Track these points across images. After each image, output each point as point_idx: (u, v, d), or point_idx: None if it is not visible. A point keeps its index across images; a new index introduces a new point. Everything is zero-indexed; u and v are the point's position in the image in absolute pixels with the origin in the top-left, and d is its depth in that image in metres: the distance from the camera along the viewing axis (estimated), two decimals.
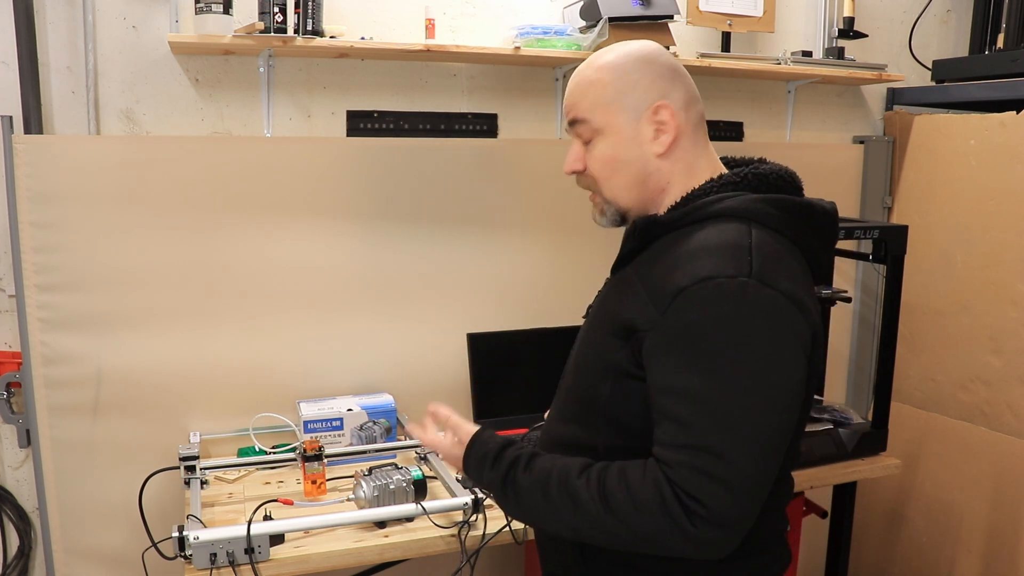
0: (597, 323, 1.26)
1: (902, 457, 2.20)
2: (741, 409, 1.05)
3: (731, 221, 1.15)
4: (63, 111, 1.96)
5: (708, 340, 1.06)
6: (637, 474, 1.09)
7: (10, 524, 2.07)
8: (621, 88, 1.21)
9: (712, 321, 1.06)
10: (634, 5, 2.13)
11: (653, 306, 1.11)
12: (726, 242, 1.11)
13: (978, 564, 2.44)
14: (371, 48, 2.04)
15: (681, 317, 1.08)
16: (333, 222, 2.15)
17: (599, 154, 1.23)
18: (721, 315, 1.06)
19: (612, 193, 1.24)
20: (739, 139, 2.61)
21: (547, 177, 2.30)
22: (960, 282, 2.49)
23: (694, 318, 1.07)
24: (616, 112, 1.21)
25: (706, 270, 1.08)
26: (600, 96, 1.21)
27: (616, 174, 1.23)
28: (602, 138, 1.22)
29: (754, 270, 1.08)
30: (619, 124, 1.21)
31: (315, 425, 2.01)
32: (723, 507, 1.03)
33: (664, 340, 1.09)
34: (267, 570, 1.52)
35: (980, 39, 2.63)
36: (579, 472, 1.14)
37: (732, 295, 1.06)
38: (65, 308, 1.94)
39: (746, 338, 1.06)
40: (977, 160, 2.43)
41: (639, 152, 1.21)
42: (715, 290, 1.07)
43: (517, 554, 2.26)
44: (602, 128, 1.22)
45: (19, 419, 2.01)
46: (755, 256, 1.10)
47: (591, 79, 1.22)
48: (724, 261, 1.09)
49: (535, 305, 2.33)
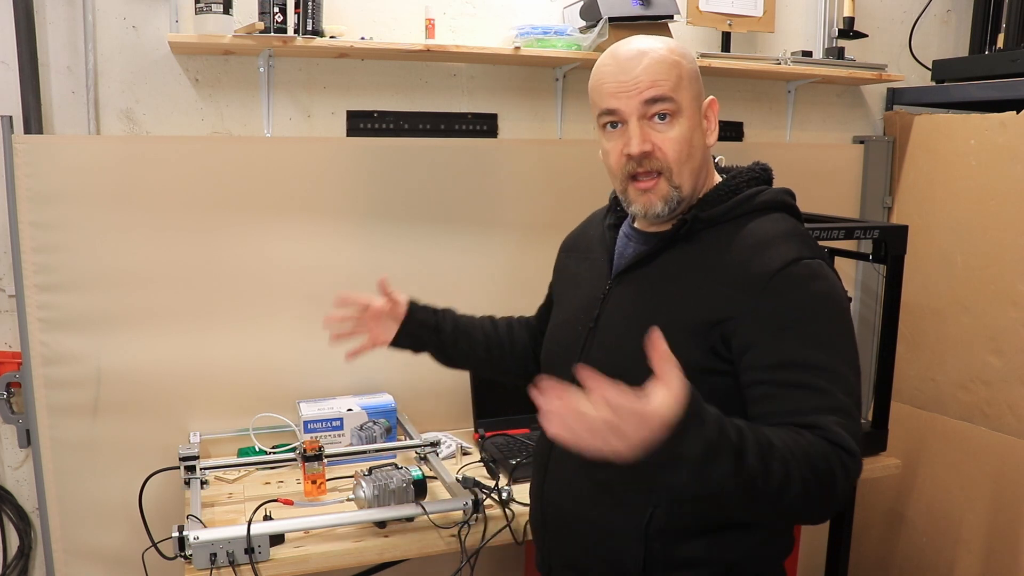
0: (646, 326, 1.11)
1: (902, 457, 2.20)
2: (851, 370, 1.15)
3: (772, 212, 1.25)
4: (63, 111, 1.96)
5: (816, 315, 1.15)
6: (804, 440, 1.06)
7: (10, 524, 2.07)
8: (693, 76, 1.25)
9: (815, 297, 1.16)
10: (634, 5, 2.13)
11: (741, 293, 1.16)
12: (789, 229, 1.23)
13: (978, 564, 2.44)
14: (371, 48, 2.04)
15: (784, 296, 1.15)
16: (333, 222, 2.15)
17: (677, 135, 1.23)
18: (819, 291, 1.17)
19: (681, 178, 1.25)
20: (739, 139, 2.61)
21: (547, 177, 2.30)
22: (960, 282, 2.49)
23: (798, 296, 1.16)
24: (692, 98, 1.24)
25: (792, 253, 1.18)
26: (682, 78, 1.23)
27: (691, 158, 1.25)
28: (680, 120, 1.23)
29: (819, 253, 1.21)
30: (693, 109, 1.25)
31: (315, 425, 2.01)
32: (856, 448, 1.10)
33: (772, 320, 1.15)
34: (267, 570, 1.52)
35: (980, 39, 2.63)
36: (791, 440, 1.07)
37: (819, 274, 1.18)
38: (65, 308, 1.94)
39: (840, 312, 1.18)
40: (977, 160, 2.43)
41: (703, 141, 1.27)
42: (805, 269, 1.17)
43: (517, 554, 2.26)
44: (682, 109, 1.23)
45: (19, 419, 2.01)
46: (812, 241, 1.23)
47: (672, 60, 1.23)
48: (800, 245, 1.20)
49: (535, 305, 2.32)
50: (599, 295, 1.34)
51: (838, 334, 1.16)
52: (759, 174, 1.30)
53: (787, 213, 1.27)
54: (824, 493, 1.06)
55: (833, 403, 1.11)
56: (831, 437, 1.08)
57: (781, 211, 1.26)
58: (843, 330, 1.17)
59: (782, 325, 1.14)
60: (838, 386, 1.12)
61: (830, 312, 1.17)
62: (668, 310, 1.22)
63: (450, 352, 1.59)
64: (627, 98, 1.22)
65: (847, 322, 1.19)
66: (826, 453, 1.07)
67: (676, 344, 1.16)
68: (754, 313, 1.15)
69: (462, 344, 1.58)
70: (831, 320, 1.16)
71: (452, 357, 1.61)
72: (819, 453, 1.05)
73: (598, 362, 1.27)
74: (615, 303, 1.31)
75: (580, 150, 2.28)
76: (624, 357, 1.25)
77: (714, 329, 1.17)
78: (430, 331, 1.56)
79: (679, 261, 1.25)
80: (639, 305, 1.27)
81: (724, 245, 1.22)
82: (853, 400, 1.14)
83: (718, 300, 1.18)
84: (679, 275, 1.24)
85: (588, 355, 1.32)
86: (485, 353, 1.61)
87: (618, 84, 1.23)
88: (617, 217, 1.40)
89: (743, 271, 1.17)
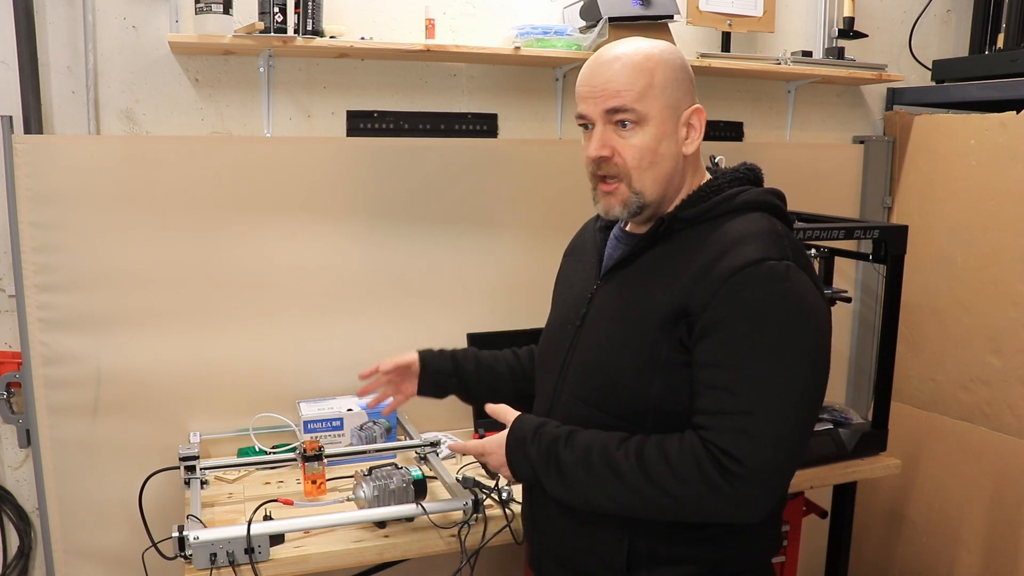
0: (624, 322, 1.27)
1: (902, 457, 2.20)
2: (785, 379, 1.14)
3: (753, 212, 1.24)
4: (63, 111, 1.96)
5: (762, 316, 1.14)
6: (674, 443, 1.16)
7: (10, 524, 2.07)
8: (668, 83, 1.24)
9: (767, 298, 1.15)
10: (634, 5, 2.13)
11: (703, 290, 1.17)
12: (763, 229, 1.21)
13: (978, 564, 2.44)
14: (371, 48, 2.04)
15: (737, 296, 1.15)
16: (333, 222, 2.15)
17: (639, 143, 1.23)
18: (775, 293, 1.15)
19: (643, 184, 1.26)
20: (739, 139, 2.61)
21: (547, 177, 2.30)
22: (960, 282, 2.49)
23: (750, 296, 1.15)
24: (663, 106, 1.24)
25: (757, 253, 1.16)
26: (652, 87, 1.23)
27: (653, 166, 1.25)
28: (644, 129, 1.23)
29: (791, 255, 1.19)
30: (663, 118, 1.24)
31: (315, 425, 2.01)
32: (759, 463, 1.11)
33: (717, 317, 1.16)
34: (267, 570, 1.52)
35: (980, 39, 2.63)
36: (618, 445, 1.20)
37: (782, 276, 1.16)
38: (65, 308, 1.94)
39: (795, 315, 1.16)
40: (977, 160, 2.43)
41: (675, 149, 1.26)
42: (768, 271, 1.16)
43: (517, 554, 2.26)
44: (647, 118, 1.23)
45: (19, 419, 2.01)
46: (788, 242, 1.21)
47: (643, 68, 1.23)
48: (769, 246, 1.18)
49: (535, 305, 2.31)
50: (587, 295, 1.37)
51: (790, 339, 1.15)
52: (744, 174, 1.31)
53: (770, 213, 1.26)
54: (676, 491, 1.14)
55: (735, 404, 1.13)
56: (709, 438, 1.14)
57: (763, 211, 1.26)
58: (798, 335, 1.16)
59: (726, 324, 1.16)
60: (753, 387, 1.13)
61: (785, 316, 1.15)
62: (642, 306, 1.24)
63: (475, 391, 1.64)
64: (593, 104, 1.25)
65: (806, 327, 1.17)
66: (685, 457, 1.14)
67: (648, 338, 1.23)
68: (708, 309, 1.16)
69: (486, 379, 1.63)
70: (784, 324, 1.15)
71: (478, 395, 1.64)
72: (672, 456, 1.15)
73: (581, 358, 1.34)
74: (600, 302, 1.34)
75: (580, 150, 2.27)
76: (603, 353, 1.30)
77: (680, 323, 1.19)
78: (448, 376, 1.63)
79: (657, 259, 1.27)
80: (619, 302, 1.30)
81: (699, 244, 1.23)
82: (786, 405, 1.13)
83: (682, 294, 1.19)
84: (655, 273, 1.25)
85: (574, 352, 1.35)
86: (511, 384, 1.64)
87: (588, 89, 1.26)
88: (608, 220, 1.42)
89: (708, 267, 1.18)
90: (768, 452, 1.11)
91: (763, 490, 1.13)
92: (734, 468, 1.11)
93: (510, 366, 1.66)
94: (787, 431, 1.13)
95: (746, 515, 1.15)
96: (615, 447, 1.20)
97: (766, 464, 1.11)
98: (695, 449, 1.14)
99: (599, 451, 1.21)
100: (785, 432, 1.13)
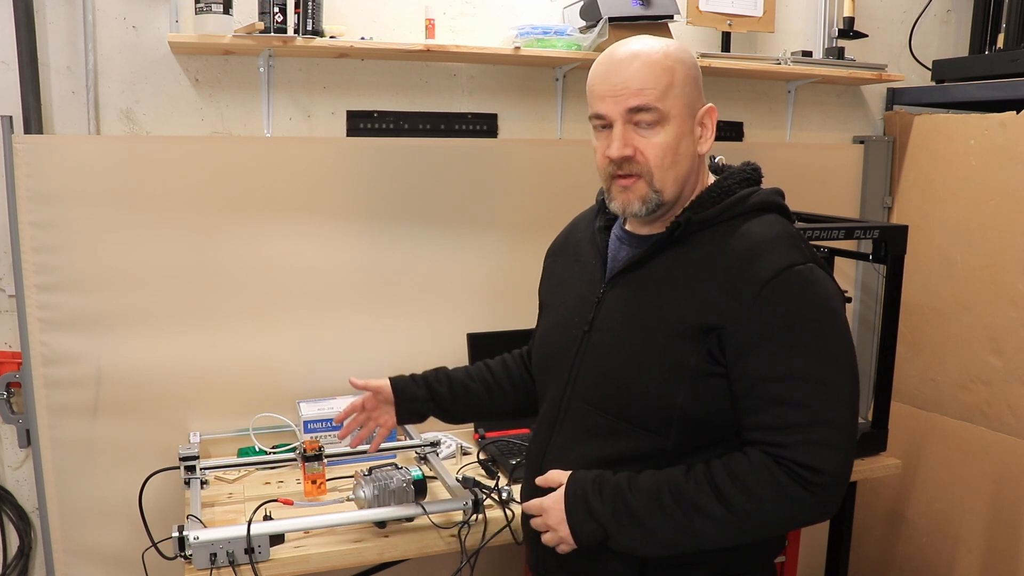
0: (642, 330, 1.25)
1: (902, 457, 2.20)
2: (836, 380, 1.17)
3: (765, 213, 1.25)
4: (63, 111, 1.96)
5: (805, 325, 1.17)
6: (743, 466, 1.17)
7: (10, 524, 2.07)
8: (687, 82, 1.24)
9: (804, 306, 1.18)
10: (634, 5, 2.13)
11: (736, 302, 1.17)
12: (781, 233, 1.22)
13: (978, 564, 2.44)
14: (371, 48, 2.04)
15: (774, 309, 1.16)
16: (333, 222, 2.15)
17: (661, 142, 1.23)
18: (809, 300, 1.18)
19: (664, 183, 1.25)
20: (739, 139, 2.61)
21: (547, 177, 2.30)
22: (960, 282, 2.49)
23: (788, 307, 1.16)
24: (683, 105, 1.24)
25: (783, 260, 1.18)
26: (673, 85, 1.22)
27: (675, 165, 1.25)
28: (666, 127, 1.23)
29: (809, 256, 1.21)
30: (683, 117, 1.24)
31: (315, 425, 2.01)
32: (837, 469, 1.15)
33: (761, 331, 1.16)
34: (267, 570, 1.52)
35: (980, 39, 2.63)
36: (685, 479, 1.19)
37: (809, 280, 1.18)
38: (65, 308, 1.94)
39: (828, 317, 1.19)
40: (977, 160, 2.43)
41: (692, 148, 1.26)
42: (796, 277, 1.17)
43: (517, 554, 2.26)
44: (668, 117, 1.22)
45: (19, 419, 2.01)
46: (803, 243, 1.23)
47: (663, 66, 1.22)
48: (791, 250, 1.20)
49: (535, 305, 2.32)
50: (594, 298, 1.33)
51: (830, 341, 1.18)
52: (750, 174, 1.31)
53: (778, 214, 1.28)
54: (761, 514, 1.16)
55: (809, 417, 1.15)
56: (785, 456, 1.15)
57: (773, 212, 1.27)
58: (835, 335, 1.19)
59: (771, 337, 1.16)
60: (822, 396, 1.16)
61: (821, 319, 1.18)
62: (662, 314, 1.23)
63: (451, 411, 1.61)
64: (613, 103, 1.23)
65: (839, 325, 1.20)
66: (761, 479, 1.15)
67: (670, 347, 1.21)
68: (745, 324, 1.17)
69: (461, 399, 1.60)
70: (822, 327, 1.18)
71: (456, 415, 1.62)
72: (749, 482, 1.15)
73: (594, 364, 1.30)
74: (610, 306, 1.31)
75: (580, 150, 2.26)
76: (620, 360, 1.27)
77: (709, 335, 1.18)
78: (423, 402, 1.59)
79: (673, 264, 1.25)
80: (634, 308, 1.27)
81: (717, 248, 1.22)
82: (843, 406, 1.17)
83: (711, 307, 1.19)
84: (673, 278, 1.24)
85: (584, 358, 1.32)
86: (488, 399, 1.61)
87: (607, 87, 1.23)
88: (607, 219, 1.40)
89: (736, 278, 1.18)
90: (842, 455, 1.16)
91: (841, 488, 1.17)
92: (815, 479, 1.14)
93: (485, 382, 1.61)
94: (850, 429, 1.18)
95: (829, 514, 1.19)
96: (684, 482, 1.19)
97: (841, 465, 1.16)
98: (770, 469, 1.16)
99: (670, 491, 1.19)
100: (849, 430, 1.18)
